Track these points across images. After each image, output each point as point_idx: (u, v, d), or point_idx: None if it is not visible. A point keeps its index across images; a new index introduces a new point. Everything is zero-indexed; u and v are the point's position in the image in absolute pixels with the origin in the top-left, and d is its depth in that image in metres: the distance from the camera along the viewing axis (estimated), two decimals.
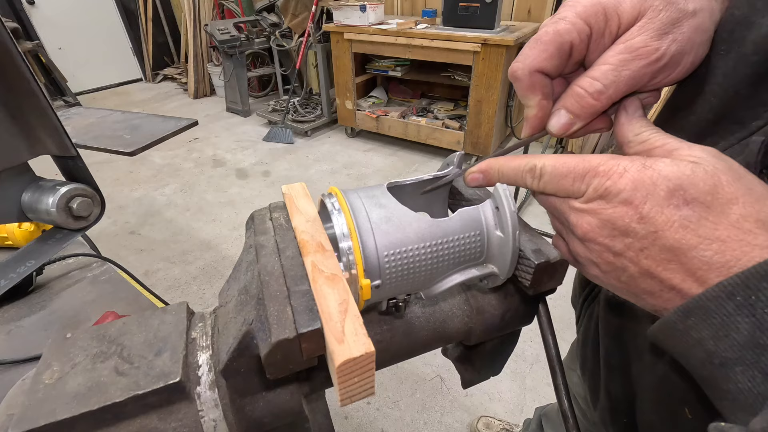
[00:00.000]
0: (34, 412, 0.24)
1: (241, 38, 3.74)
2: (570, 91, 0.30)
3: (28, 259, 0.63)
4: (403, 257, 0.28)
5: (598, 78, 0.28)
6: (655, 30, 0.27)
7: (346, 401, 0.25)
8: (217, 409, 0.28)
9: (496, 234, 0.30)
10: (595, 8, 0.28)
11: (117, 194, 2.96)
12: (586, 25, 0.28)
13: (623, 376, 0.44)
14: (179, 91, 5.14)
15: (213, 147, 3.62)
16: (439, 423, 1.48)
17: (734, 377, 0.20)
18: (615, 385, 0.47)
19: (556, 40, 0.28)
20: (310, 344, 0.24)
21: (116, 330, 0.29)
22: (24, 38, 4.03)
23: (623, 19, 0.28)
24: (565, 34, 0.28)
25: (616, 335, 0.45)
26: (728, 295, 0.20)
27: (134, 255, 2.35)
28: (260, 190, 2.97)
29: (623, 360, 0.44)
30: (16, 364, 0.60)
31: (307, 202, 0.34)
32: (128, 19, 5.23)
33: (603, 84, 0.28)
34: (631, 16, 0.28)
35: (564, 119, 0.30)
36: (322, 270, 0.27)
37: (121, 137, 0.93)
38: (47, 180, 0.63)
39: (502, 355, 0.43)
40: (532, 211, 2.54)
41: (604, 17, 0.28)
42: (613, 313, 0.45)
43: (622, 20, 0.28)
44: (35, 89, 0.55)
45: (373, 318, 0.35)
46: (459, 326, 0.37)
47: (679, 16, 0.28)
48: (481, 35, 2.49)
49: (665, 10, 0.27)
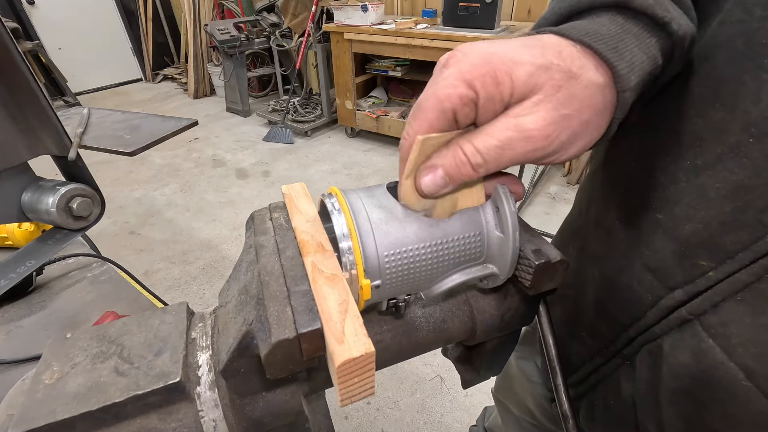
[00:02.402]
0: (34, 412, 0.24)
1: (241, 38, 3.74)
2: (453, 151, 0.26)
3: (28, 259, 0.63)
4: (403, 257, 0.28)
5: (481, 151, 0.25)
6: (550, 110, 0.24)
7: (346, 401, 0.25)
8: (217, 409, 0.28)
9: (496, 234, 0.30)
10: (483, 69, 0.24)
11: (117, 194, 2.96)
12: (470, 90, 0.25)
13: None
14: (179, 91, 5.14)
15: (213, 147, 3.62)
16: (439, 423, 1.48)
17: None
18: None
19: (436, 107, 0.25)
20: (310, 344, 0.24)
21: (116, 330, 0.29)
22: (24, 38, 4.03)
23: (516, 86, 0.25)
24: (446, 100, 0.25)
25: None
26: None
27: (134, 255, 2.35)
28: (260, 190, 2.97)
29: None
30: (16, 364, 0.60)
31: (307, 202, 0.34)
32: (128, 19, 5.23)
33: (484, 159, 0.25)
34: (526, 86, 0.25)
35: (440, 180, 0.27)
36: (322, 270, 0.27)
37: (121, 137, 0.92)
38: (47, 180, 0.63)
39: (502, 355, 0.43)
40: (532, 211, 2.54)
41: (493, 80, 0.24)
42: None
43: (515, 87, 0.25)
44: (35, 89, 0.55)
45: (373, 318, 0.35)
46: (459, 326, 0.37)
47: (580, 95, 0.25)
48: (481, 35, 2.49)
49: (565, 88, 0.25)
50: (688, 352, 0.31)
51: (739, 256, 0.28)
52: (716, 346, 0.29)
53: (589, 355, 0.45)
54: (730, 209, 0.29)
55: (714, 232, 0.30)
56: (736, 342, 0.28)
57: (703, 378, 0.30)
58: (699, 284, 0.31)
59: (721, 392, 0.29)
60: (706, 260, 0.30)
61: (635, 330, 0.37)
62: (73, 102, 4.61)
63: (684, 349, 0.32)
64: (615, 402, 0.41)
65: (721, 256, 0.29)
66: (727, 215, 0.29)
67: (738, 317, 0.28)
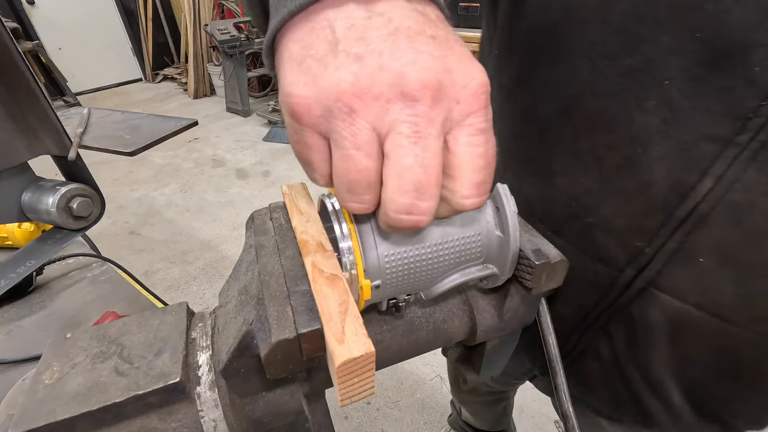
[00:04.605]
0: (34, 412, 0.24)
1: (241, 38, 3.74)
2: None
3: (28, 259, 0.63)
4: (404, 258, 0.28)
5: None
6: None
7: (346, 401, 0.25)
8: (217, 409, 0.28)
9: (497, 234, 0.30)
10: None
11: (117, 194, 2.96)
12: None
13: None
14: (179, 91, 5.13)
15: (213, 147, 3.62)
16: (439, 423, 1.48)
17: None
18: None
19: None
20: (310, 344, 0.24)
21: (116, 330, 0.29)
22: (24, 38, 4.03)
23: None
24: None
25: None
26: None
27: (134, 255, 2.35)
28: (260, 190, 2.97)
29: None
30: (16, 364, 0.60)
31: (307, 202, 0.34)
32: (128, 19, 5.23)
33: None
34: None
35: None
36: (322, 270, 0.27)
37: (121, 137, 0.92)
38: (47, 180, 0.63)
39: (502, 355, 0.43)
40: None
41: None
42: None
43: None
44: (35, 89, 0.55)
45: (373, 318, 0.35)
46: (459, 326, 0.37)
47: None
48: (481, 35, 2.49)
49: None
50: (654, 310, 0.39)
51: (662, 231, 0.36)
52: (672, 299, 0.38)
53: (567, 334, 0.48)
54: (643, 200, 0.36)
55: (638, 220, 0.37)
56: (684, 291, 0.37)
57: (668, 323, 0.39)
58: (641, 260, 0.38)
59: (684, 327, 0.38)
60: (639, 242, 0.38)
61: (603, 307, 0.42)
62: (73, 102, 4.61)
63: (650, 309, 0.39)
64: (598, 365, 0.47)
65: (649, 236, 0.37)
66: (641, 204, 0.36)
67: (679, 274, 0.37)
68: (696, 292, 0.37)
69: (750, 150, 0.31)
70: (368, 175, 0.21)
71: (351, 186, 0.22)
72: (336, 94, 0.20)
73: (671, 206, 0.35)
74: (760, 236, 0.33)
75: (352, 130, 0.20)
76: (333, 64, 0.20)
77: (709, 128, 0.32)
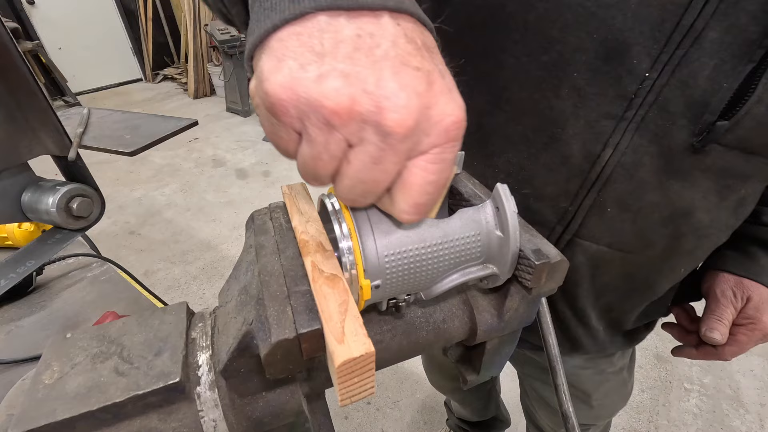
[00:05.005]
0: (34, 412, 0.24)
1: (241, 38, 3.74)
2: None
3: (28, 259, 0.63)
4: (403, 258, 0.28)
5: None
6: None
7: (346, 401, 0.25)
8: (217, 409, 0.28)
9: (497, 234, 0.30)
10: None
11: (117, 194, 2.96)
12: None
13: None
14: (179, 91, 5.14)
15: (213, 147, 3.62)
16: (439, 423, 1.48)
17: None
18: None
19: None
20: (310, 344, 0.24)
21: (116, 330, 0.29)
22: (24, 38, 4.03)
23: None
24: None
25: None
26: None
27: (134, 255, 2.35)
28: (260, 190, 2.97)
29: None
30: (16, 364, 0.60)
31: (307, 202, 0.34)
32: (128, 19, 5.23)
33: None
34: None
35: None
36: (322, 270, 0.27)
37: (121, 137, 0.93)
38: (47, 180, 0.63)
39: (502, 355, 0.43)
40: None
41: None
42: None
43: None
44: (35, 89, 0.55)
45: (373, 318, 0.35)
46: (459, 326, 0.37)
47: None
48: None
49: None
50: (579, 255, 0.51)
51: (580, 192, 0.46)
52: (591, 243, 0.49)
53: None
54: (565, 170, 0.46)
55: (562, 186, 0.47)
56: (599, 235, 0.49)
57: (588, 263, 0.51)
58: (567, 218, 0.48)
59: (600, 264, 0.51)
60: (564, 203, 0.48)
61: None
62: (73, 102, 4.61)
63: (576, 255, 0.51)
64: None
65: (571, 198, 0.47)
66: (563, 173, 0.46)
67: (594, 223, 0.48)
68: (607, 234, 0.48)
69: (634, 122, 0.41)
70: (333, 169, 0.24)
71: (316, 175, 0.25)
72: (316, 105, 0.21)
73: (585, 172, 0.45)
74: (645, 186, 0.44)
75: (326, 138, 0.22)
76: (315, 71, 0.21)
77: (607, 108, 0.41)
